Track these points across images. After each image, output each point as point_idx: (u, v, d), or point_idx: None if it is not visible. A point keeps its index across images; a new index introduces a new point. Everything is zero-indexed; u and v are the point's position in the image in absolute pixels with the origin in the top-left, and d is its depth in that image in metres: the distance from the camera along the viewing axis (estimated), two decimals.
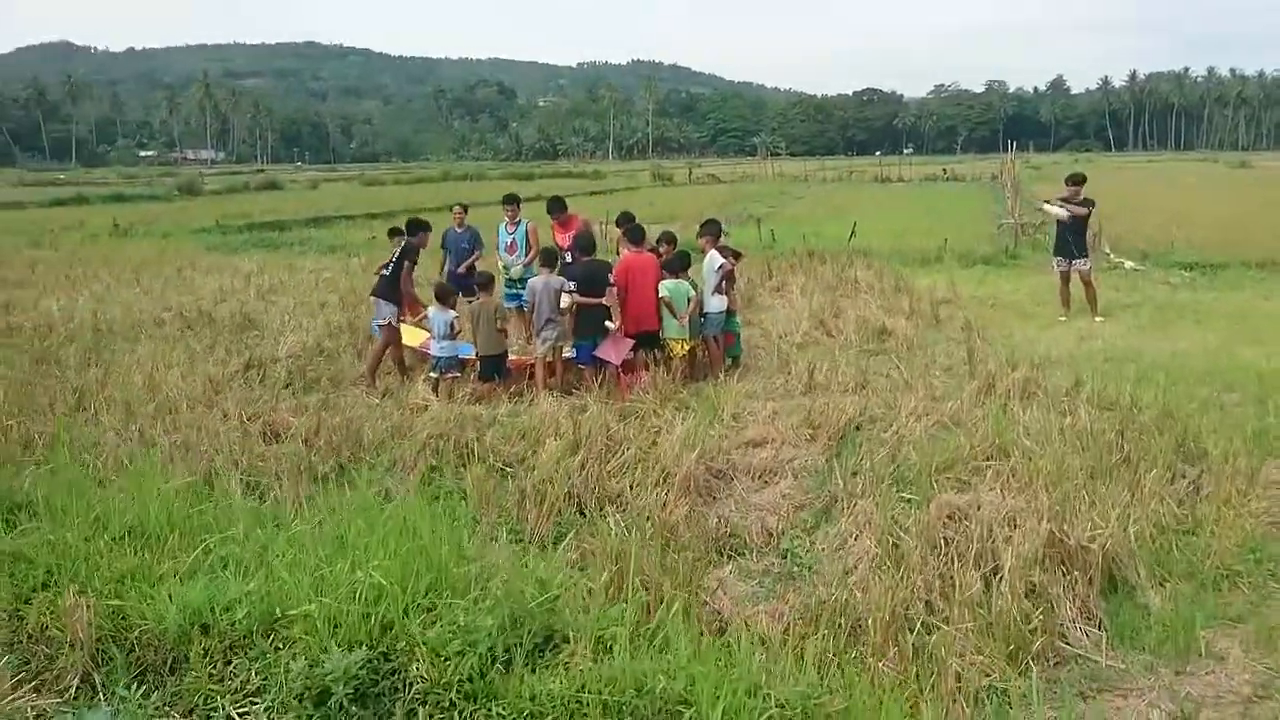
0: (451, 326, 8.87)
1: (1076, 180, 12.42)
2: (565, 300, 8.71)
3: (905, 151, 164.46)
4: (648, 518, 5.53)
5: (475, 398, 8.52)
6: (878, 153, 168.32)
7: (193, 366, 10.16)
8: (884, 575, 4.70)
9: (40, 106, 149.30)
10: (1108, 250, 18.77)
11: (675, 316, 9.10)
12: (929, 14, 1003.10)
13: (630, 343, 8.95)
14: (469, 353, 9.16)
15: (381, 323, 9.62)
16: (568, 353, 9.10)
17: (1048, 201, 12.98)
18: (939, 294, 13.76)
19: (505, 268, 11.53)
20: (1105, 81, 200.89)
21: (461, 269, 11.47)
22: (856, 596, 4.56)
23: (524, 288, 11.25)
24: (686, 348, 9.27)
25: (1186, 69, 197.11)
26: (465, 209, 12.48)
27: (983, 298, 14.15)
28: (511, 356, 9.36)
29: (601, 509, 5.88)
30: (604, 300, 8.79)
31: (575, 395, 8.88)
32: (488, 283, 9.17)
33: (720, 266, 9.46)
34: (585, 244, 9.14)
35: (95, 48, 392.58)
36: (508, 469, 6.67)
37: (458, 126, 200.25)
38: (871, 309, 12.52)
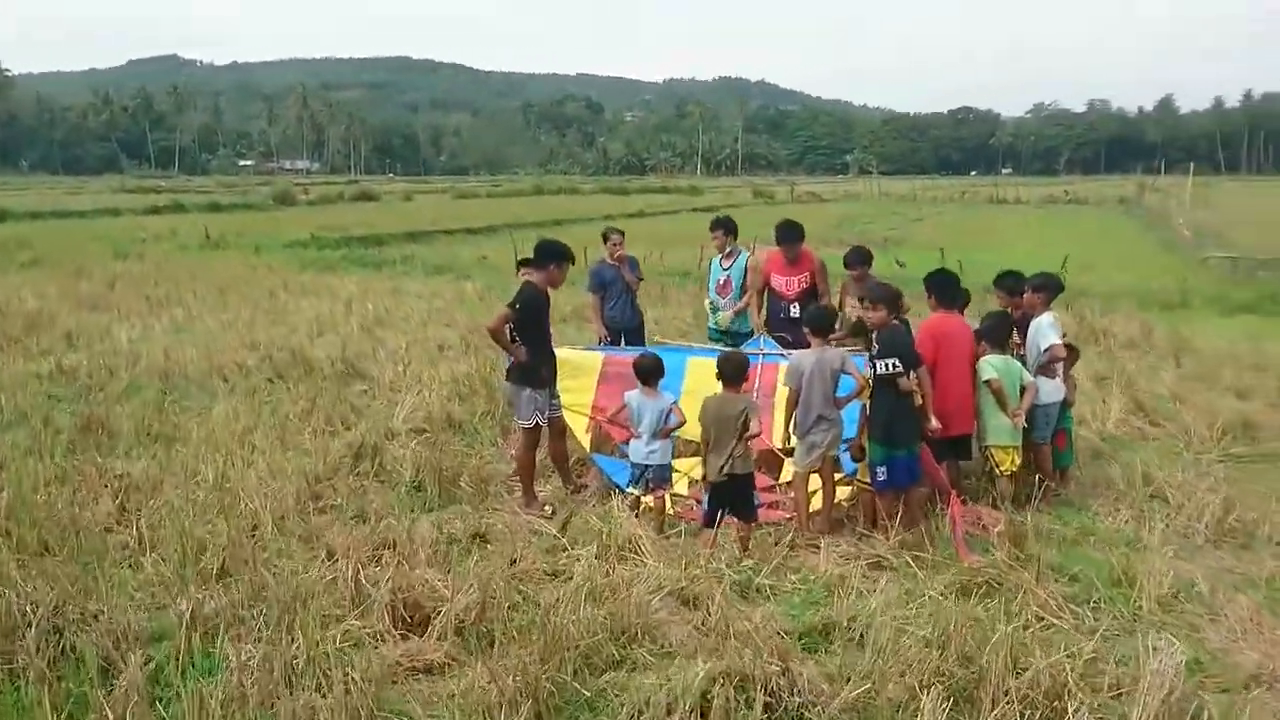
0: (666, 418, 5.89)
1: None
2: (898, 385, 5.57)
3: (1004, 172, 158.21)
4: None
5: (703, 544, 5.49)
6: (973, 172, 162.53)
7: (282, 444, 7.43)
8: None
9: (147, 116, 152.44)
10: None
11: (1006, 412, 5.97)
12: (1025, 32, 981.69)
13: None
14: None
15: (525, 424, 6.46)
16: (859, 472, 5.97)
17: None
18: (1240, 357, 10.34)
19: (713, 310, 8.58)
20: (1218, 102, 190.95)
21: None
22: None
23: (734, 343, 8.28)
24: (1018, 460, 6.14)
25: None
26: (623, 235, 9.36)
27: None
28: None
29: None
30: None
31: (849, 529, 5.87)
32: (737, 370, 5.63)
33: (1050, 347, 6.26)
34: (888, 296, 5.84)
35: (200, 61, 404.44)
36: None
37: (545, 140, 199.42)
38: (1186, 385, 9.20)
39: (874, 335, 5.68)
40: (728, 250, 8.37)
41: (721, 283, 8.33)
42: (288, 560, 5.28)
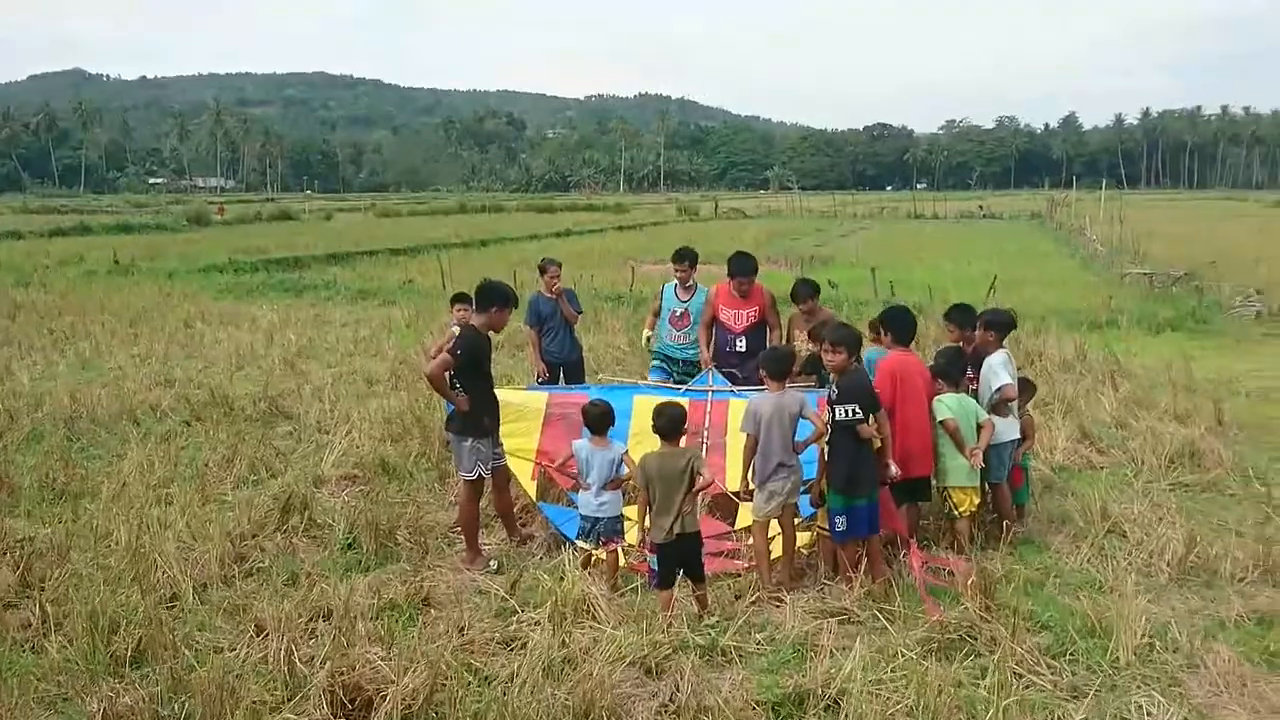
0: (617, 468, 5.60)
1: None
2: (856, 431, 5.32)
3: (919, 187, 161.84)
4: None
5: (661, 605, 5.14)
6: (889, 187, 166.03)
7: (202, 497, 6.94)
8: None
9: (51, 133, 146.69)
10: None
11: (964, 452, 5.82)
12: (936, 51, 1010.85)
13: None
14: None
15: (468, 476, 6.05)
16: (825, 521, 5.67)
17: None
18: (1174, 380, 10.45)
19: (658, 341, 8.21)
20: (1118, 119, 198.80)
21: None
22: None
23: (683, 369, 7.98)
24: (977, 500, 5.99)
25: (1199, 107, 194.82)
26: (560, 266, 9.04)
27: (1220, 381, 10.81)
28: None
29: None
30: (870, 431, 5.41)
31: (811, 577, 5.67)
32: (673, 424, 5.23)
33: (1001, 388, 6.14)
34: (850, 339, 5.55)
35: (107, 75, 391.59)
36: None
37: (467, 157, 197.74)
38: (1126, 409, 9.24)
39: (834, 380, 5.47)
40: (689, 283, 8.07)
41: (679, 314, 7.99)
42: (211, 635, 4.85)
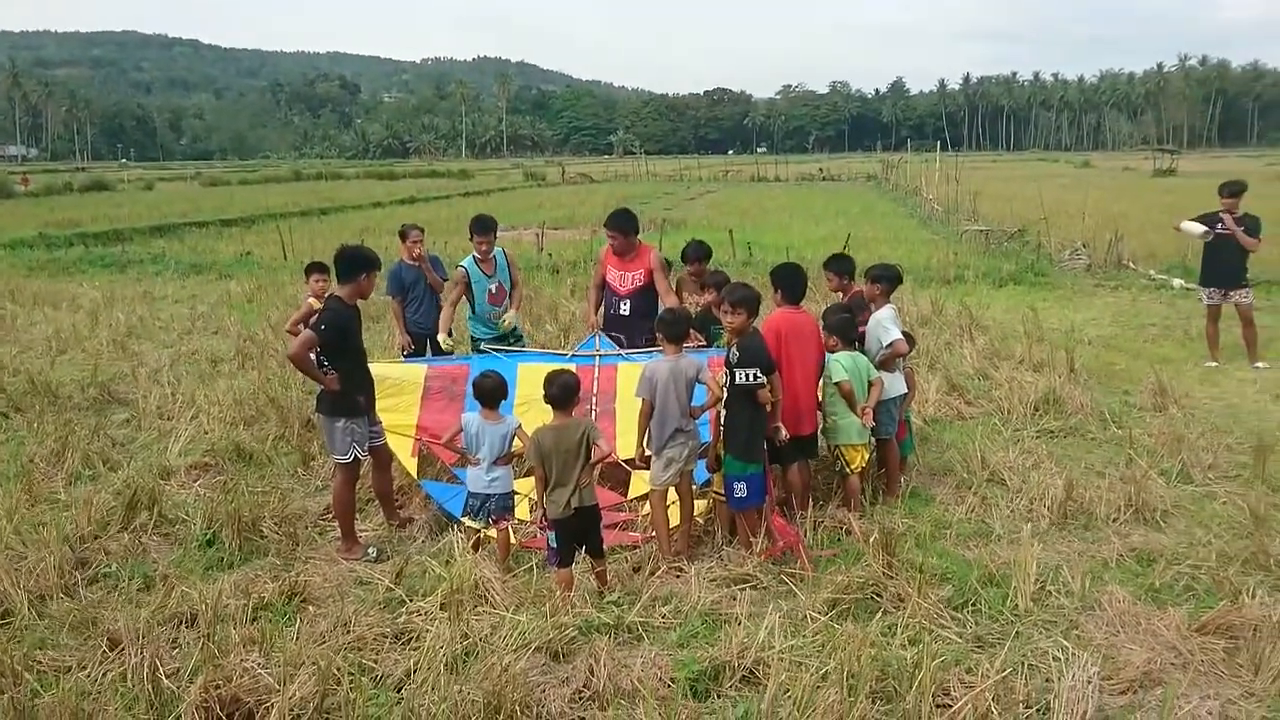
0: (508, 442, 5.28)
1: (1235, 191, 9.72)
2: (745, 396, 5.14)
3: (759, 150, 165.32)
4: None
5: (559, 585, 4.86)
6: (730, 151, 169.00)
7: (30, 497, 6.20)
8: None
9: None
10: (1131, 265, 16.54)
11: (856, 411, 5.78)
12: (772, 16, 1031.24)
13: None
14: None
15: (342, 459, 5.52)
16: (727, 489, 5.45)
17: (1195, 219, 10.10)
18: (1025, 331, 10.89)
19: (485, 323, 7.61)
20: (942, 84, 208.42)
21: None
22: None
23: (514, 344, 7.62)
24: (868, 457, 5.98)
25: (1014, 73, 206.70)
26: (423, 232, 8.54)
27: (1064, 331, 11.35)
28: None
29: None
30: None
31: (708, 544, 5.55)
32: (566, 392, 4.90)
33: (893, 343, 6.13)
34: (750, 299, 5.27)
35: None
36: None
37: (298, 122, 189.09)
38: (986, 361, 9.53)
39: (733, 342, 5.30)
40: (489, 256, 7.52)
41: (494, 291, 7.51)
42: (56, 654, 4.29)
